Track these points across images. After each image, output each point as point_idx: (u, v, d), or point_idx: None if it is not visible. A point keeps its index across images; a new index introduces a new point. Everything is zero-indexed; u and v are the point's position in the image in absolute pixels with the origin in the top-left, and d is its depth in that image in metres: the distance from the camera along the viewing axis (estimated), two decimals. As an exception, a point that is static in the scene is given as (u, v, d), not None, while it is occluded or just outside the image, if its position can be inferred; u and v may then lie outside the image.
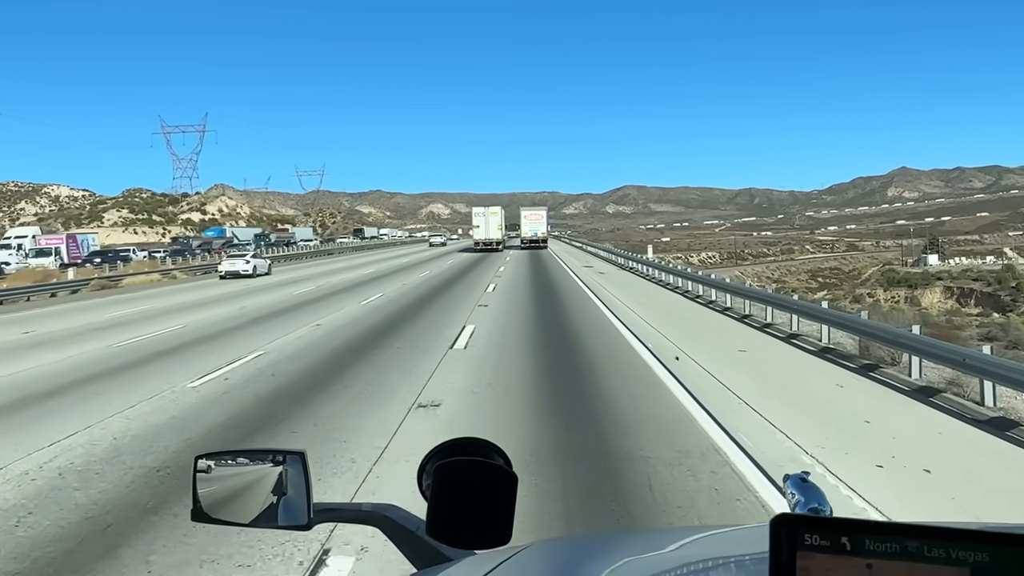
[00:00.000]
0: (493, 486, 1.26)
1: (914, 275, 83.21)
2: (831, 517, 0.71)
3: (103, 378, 10.75)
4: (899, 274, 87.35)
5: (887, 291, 78.94)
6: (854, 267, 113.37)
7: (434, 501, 1.27)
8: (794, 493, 1.32)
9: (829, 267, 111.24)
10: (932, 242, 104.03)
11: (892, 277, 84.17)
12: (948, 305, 71.82)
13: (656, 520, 5.06)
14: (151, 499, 5.67)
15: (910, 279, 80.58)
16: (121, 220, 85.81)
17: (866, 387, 9.78)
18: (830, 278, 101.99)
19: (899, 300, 75.02)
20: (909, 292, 76.66)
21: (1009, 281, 69.78)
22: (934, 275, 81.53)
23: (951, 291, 74.67)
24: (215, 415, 8.34)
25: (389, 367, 11.05)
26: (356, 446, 7.02)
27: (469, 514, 1.25)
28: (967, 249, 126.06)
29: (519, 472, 1.31)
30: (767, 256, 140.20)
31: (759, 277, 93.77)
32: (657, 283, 28.10)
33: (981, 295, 69.73)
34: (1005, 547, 0.61)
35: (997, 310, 62.06)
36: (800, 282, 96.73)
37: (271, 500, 1.41)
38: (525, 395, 9.19)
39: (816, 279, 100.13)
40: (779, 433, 7.32)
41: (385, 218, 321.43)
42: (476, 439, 1.34)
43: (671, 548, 1.38)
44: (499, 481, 1.27)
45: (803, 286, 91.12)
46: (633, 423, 7.69)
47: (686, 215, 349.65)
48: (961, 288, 73.54)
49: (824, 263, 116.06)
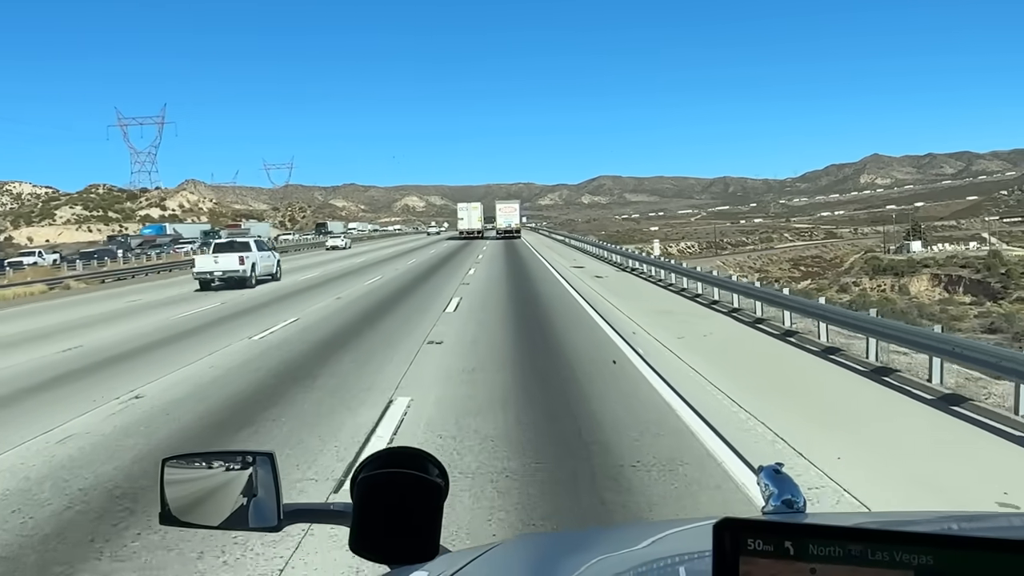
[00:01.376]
0: (417, 499, 1.21)
1: (899, 263, 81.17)
2: (775, 521, 0.69)
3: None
4: (883, 262, 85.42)
5: (873, 279, 76.92)
6: (835, 255, 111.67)
7: (356, 515, 1.23)
8: (767, 484, 1.34)
9: (810, 255, 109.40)
10: (914, 228, 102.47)
11: (877, 265, 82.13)
12: (936, 293, 69.95)
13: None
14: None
15: (895, 267, 78.50)
16: (75, 217, 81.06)
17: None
18: (812, 267, 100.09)
19: (885, 288, 73.13)
20: (895, 280, 74.69)
21: (998, 267, 67.92)
22: (919, 262, 79.56)
23: (939, 279, 72.70)
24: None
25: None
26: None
27: (389, 528, 1.20)
28: (947, 235, 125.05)
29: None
30: (746, 245, 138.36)
31: (741, 267, 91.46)
32: (682, 294, 20.07)
33: (970, 282, 67.81)
34: (949, 549, 0.62)
35: (988, 297, 60.18)
36: (783, 271, 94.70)
37: (241, 502, 1.39)
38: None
39: (798, 268, 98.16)
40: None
41: (359, 211, 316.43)
42: (410, 449, 1.28)
43: (642, 545, 1.39)
44: (425, 494, 1.22)
45: (786, 275, 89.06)
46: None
47: (661, 204, 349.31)
48: (949, 275, 71.56)
49: (805, 251, 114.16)
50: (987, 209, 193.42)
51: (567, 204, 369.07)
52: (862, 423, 7.56)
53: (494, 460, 6.24)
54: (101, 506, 5.44)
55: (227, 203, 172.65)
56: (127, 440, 7.14)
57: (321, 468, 6.15)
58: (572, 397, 8.55)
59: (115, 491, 5.73)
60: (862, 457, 6.26)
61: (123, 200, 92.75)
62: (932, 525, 1.50)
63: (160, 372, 10.47)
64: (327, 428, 7.38)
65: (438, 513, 1.23)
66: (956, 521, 1.57)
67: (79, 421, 7.93)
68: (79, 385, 9.92)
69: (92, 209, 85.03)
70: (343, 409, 8.12)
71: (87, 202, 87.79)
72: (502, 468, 6.03)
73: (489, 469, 6.01)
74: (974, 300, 58.22)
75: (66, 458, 6.63)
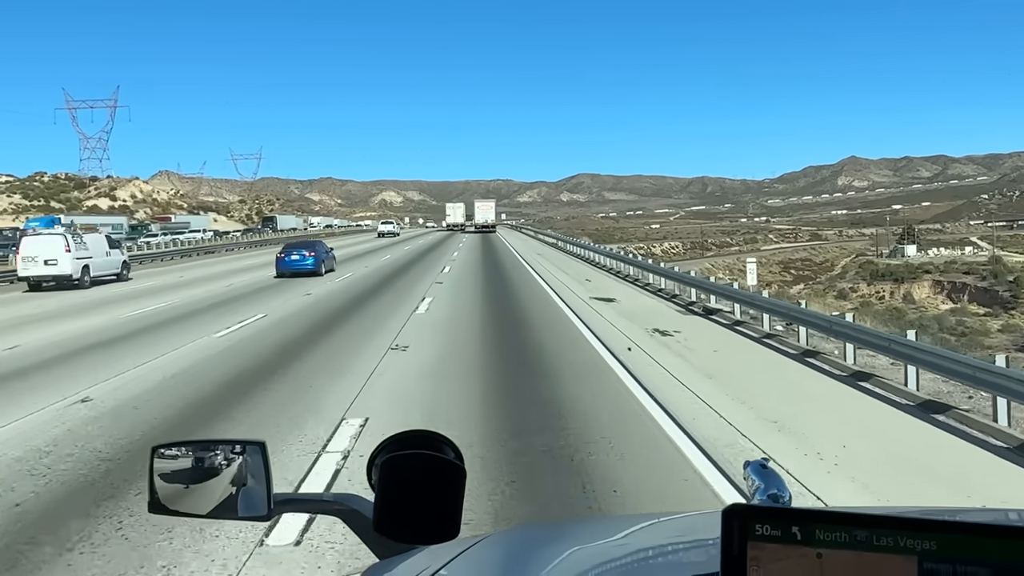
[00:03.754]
0: (440, 480, 1.23)
1: (896, 268, 77.17)
2: (782, 507, 0.70)
3: None
4: (878, 266, 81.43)
5: (871, 285, 72.85)
6: (825, 258, 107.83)
7: (380, 496, 1.24)
8: (754, 479, 1.35)
9: (800, 258, 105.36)
10: (908, 231, 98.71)
11: (874, 270, 78.03)
12: (938, 301, 65.94)
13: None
14: None
15: (894, 272, 74.38)
16: (12, 207, 74.24)
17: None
18: (803, 270, 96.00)
19: (885, 295, 69.06)
20: (895, 286, 70.65)
21: (1005, 275, 64.00)
22: (918, 267, 75.61)
23: (941, 285, 68.73)
24: None
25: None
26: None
27: (415, 509, 1.22)
28: (934, 239, 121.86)
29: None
30: (731, 246, 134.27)
31: (731, 269, 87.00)
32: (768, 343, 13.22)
33: (975, 290, 63.90)
34: (952, 534, 0.64)
35: (999, 307, 56.17)
36: (773, 275, 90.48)
37: (230, 491, 1.39)
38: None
39: (789, 271, 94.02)
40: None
41: (335, 206, 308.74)
42: (426, 432, 1.30)
43: (623, 535, 1.41)
44: (446, 475, 1.24)
45: (777, 279, 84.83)
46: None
47: (640, 203, 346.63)
48: (952, 282, 67.64)
49: (793, 254, 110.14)
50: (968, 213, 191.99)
51: (546, 202, 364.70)
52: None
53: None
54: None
55: (198, 195, 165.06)
56: None
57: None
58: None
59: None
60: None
61: (70, 189, 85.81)
62: (932, 516, 1.46)
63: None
64: None
65: (460, 494, 1.24)
66: (954, 515, 1.61)
67: None
68: None
69: (33, 198, 78.05)
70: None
71: (28, 190, 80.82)
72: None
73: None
74: (987, 311, 54.10)
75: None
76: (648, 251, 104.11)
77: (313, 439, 6.78)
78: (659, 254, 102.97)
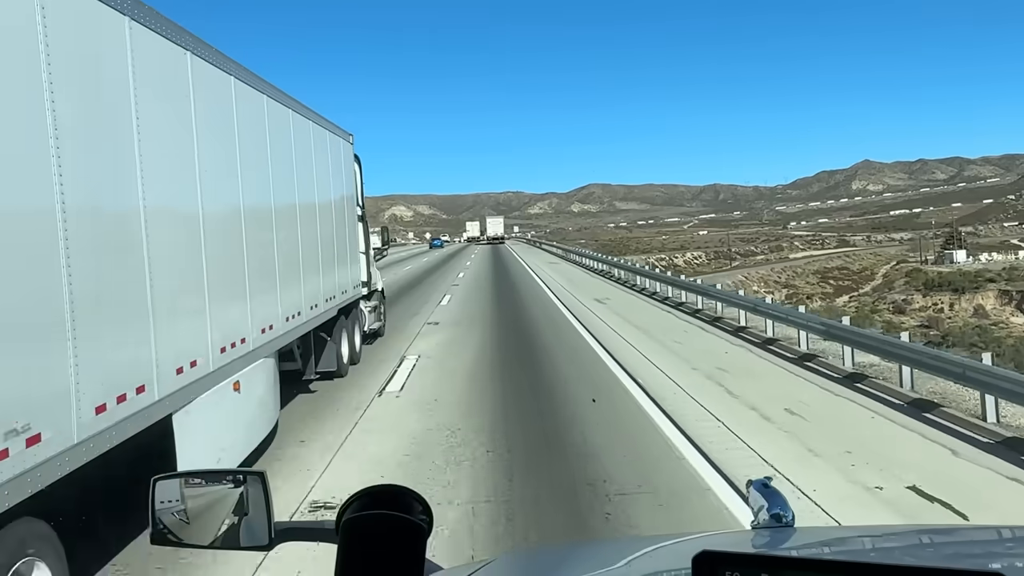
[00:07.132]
0: (400, 541, 1.22)
1: (951, 276, 70.91)
2: (753, 554, 0.76)
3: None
4: (928, 274, 75.18)
5: (926, 296, 66.66)
6: (862, 266, 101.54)
7: (340, 557, 1.22)
8: (757, 498, 1.34)
9: (835, 267, 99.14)
10: (956, 236, 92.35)
11: (925, 279, 71.71)
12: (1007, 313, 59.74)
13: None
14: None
15: (951, 281, 68.04)
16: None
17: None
18: (841, 279, 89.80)
19: (943, 307, 63.06)
20: (955, 297, 64.44)
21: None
22: (976, 275, 69.34)
23: (1009, 296, 62.47)
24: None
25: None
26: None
27: (373, 570, 1.20)
28: (971, 243, 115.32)
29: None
30: (755, 255, 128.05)
31: (766, 281, 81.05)
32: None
33: (1051, 301, 57.73)
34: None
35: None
36: (810, 285, 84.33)
37: (232, 521, 1.41)
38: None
39: (827, 281, 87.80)
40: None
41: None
42: (395, 487, 1.27)
43: (623, 563, 1.42)
44: (407, 535, 1.22)
45: (818, 291, 78.76)
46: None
47: (651, 212, 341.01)
48: (1022, 292, 61.38)
49: (827, 262, 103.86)
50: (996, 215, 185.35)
51: (557, 213, 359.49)
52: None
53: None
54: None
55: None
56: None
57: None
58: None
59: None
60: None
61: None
62: (910, 539, 1.54)
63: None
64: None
65: (421, 553, 1.23)
66: (932, 534, 1.59)
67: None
68: None
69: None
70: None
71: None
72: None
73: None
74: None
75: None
76: (670, 262, 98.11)
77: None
78: (682, 265, 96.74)
